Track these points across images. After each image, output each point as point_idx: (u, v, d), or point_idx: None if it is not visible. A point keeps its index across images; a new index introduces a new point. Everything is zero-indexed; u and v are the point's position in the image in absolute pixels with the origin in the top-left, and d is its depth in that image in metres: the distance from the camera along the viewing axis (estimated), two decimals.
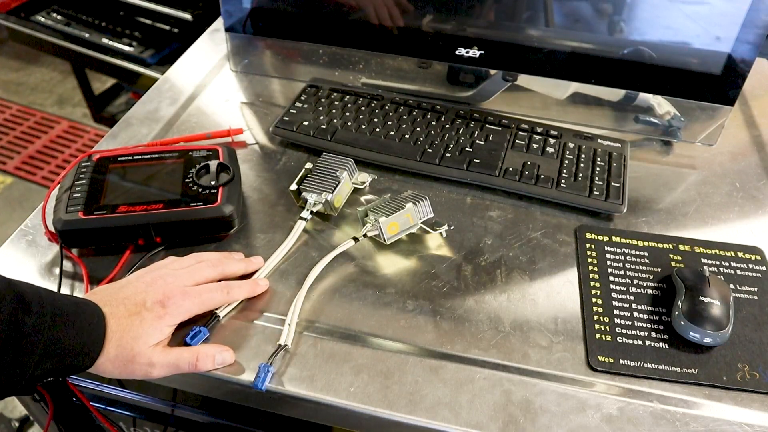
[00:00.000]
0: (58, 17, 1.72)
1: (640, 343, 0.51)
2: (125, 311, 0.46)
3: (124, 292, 0.48)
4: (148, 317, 0.46)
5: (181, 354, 0.47)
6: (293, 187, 0.61)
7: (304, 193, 0.60)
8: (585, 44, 0.68)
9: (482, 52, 0.70)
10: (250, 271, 0.55)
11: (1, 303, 0.39)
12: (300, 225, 0.59)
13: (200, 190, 0.57)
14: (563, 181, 0.64)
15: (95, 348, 0.44)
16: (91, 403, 0.58)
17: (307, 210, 0.59)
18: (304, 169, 0.63)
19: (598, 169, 0.65)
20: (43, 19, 1.71)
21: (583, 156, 0.67)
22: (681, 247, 0.59)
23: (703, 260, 0.58)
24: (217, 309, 0.51)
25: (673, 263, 0.57)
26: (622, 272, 0.56)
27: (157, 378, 0.46)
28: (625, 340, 0.51)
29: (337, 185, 0.60)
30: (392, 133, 0.69)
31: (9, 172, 1.97)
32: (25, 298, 0.41)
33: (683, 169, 0.70)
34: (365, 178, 0.65)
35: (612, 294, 0.55)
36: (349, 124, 0.70)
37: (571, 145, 0.68)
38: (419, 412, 0.45)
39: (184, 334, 0.48)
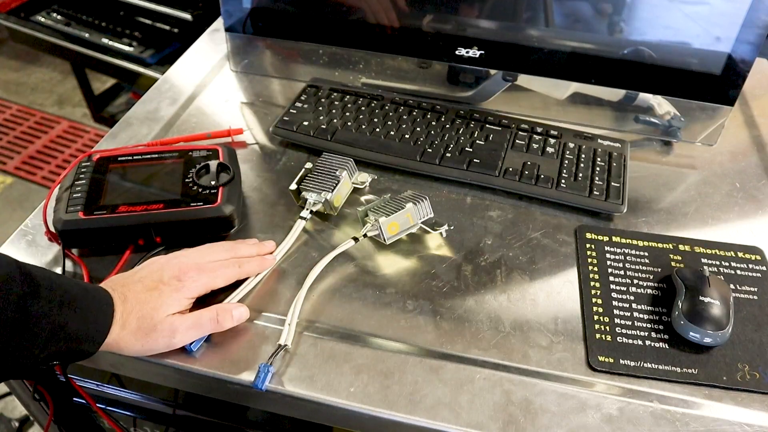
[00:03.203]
0: (58, 17, 1.72)
1: (640, 343, 0.51)
2: (143, 287, 0.47)
3: (140, 274, 0.49)
4: (167, 290, 0.47)
5: (200, 314, 0.48)
6: (293, 186, 0.61)
7: (303, 193, 0.60)
8: (585, 44, 0.68)
9: (482, 52, 0.70)
10: (263, 254, 0.56)
11: (10, 285, 0.40)
12: (300, 224, 0.59)
13: (200, 190, 0.57)
14: (563, 181, 0.64)
15: (100, 334, 0.44)
16: (97, 405, 0.58)
17: (307, 209, 0.59)
18: (304, 169, 0.63)
19: (598, 169, 0.65)
20: (43, 19, 1.71)
21: (583, 156, 0.67)
22: (681, 247, 0.59)
23: (703, 260, 0.58)
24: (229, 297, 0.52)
25: (673, 263, 0.57)
26: (622, 272, 0.56)
27: (180, 345, 0.47)
28: (625, 340, 0.51)
29: (336, 185, 0.60)
30: (392, 133, 0.69)
31: (9, 172, 1.97)
32: (34, 281, 0.41)
33: (683, 169, 0.70)
34: (365, 178, 0.65)
35: (612, 294, 0.55)
36: (349, 124, 0.70)
37: (571, 145, 0.68)
38: (419, 412, 0.45)
39: None
